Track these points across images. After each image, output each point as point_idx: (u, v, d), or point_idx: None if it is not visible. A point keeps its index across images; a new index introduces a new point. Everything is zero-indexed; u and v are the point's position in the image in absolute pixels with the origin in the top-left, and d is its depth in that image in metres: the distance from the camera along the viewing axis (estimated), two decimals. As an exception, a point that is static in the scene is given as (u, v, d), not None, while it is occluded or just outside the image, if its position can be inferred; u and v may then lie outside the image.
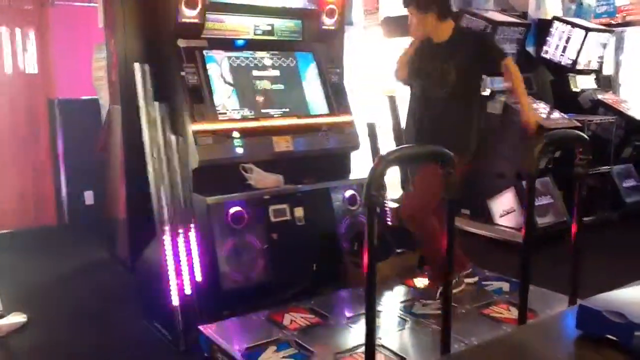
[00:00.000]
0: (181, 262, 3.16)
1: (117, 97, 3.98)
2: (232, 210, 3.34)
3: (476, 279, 3.68)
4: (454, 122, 3.32)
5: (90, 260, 4.72)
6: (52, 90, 5.54)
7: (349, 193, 3.79)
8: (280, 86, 3.82)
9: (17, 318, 3.50)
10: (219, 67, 3.62)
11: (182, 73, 3.44)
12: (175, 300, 3.12)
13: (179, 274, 3.15)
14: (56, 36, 5.44)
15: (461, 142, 3.27)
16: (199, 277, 3.20)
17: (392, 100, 4.43)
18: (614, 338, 1.02)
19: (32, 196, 5.58)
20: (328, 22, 3.96)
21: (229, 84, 3.63)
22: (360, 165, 4.09)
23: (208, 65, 3.56)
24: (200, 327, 3.00)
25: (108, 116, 4.56)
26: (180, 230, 3.21)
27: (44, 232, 5.47)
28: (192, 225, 3.26)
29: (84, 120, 5.37)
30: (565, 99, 6.01)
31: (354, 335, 2.97)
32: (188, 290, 3.15)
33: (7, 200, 5.43)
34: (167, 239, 3.18)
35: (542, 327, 1.23)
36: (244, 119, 3.59)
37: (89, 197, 5.63)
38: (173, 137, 3.40)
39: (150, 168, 3.35)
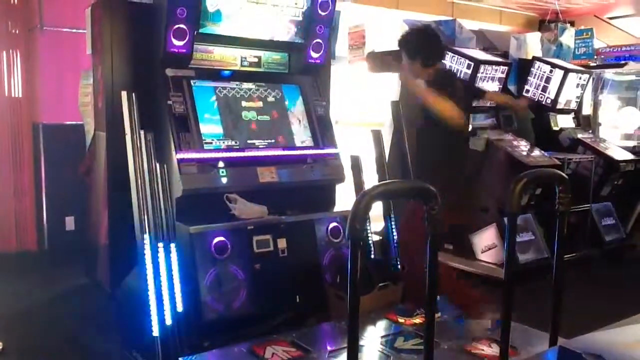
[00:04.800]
0: (162, 291, 3.13)
1: (103, 124, 3.97)
2: (216, 240, 3.33)
3: None
4: None
5: (69, 287, 4.66)
6: (36, 115, 5.52)
7: (332, 225, 3.80)
8: (266, 117, 3.86)
9: (-8, 346, 3.44)
10: (205, 97, 3.64)
11: (169, 102, 3.47)
12: (156, 330, 3.08)
13: (160, 303, 3.12)
14: (43, 61, 5.44)
15: None
16: (180, 307, 3.16)
17: (376, 134, 4.47)
18: (593, 379, 1.04)
19: (13, 220, 5.51)
20: (314, 56, 4.02)
21: (215, 114, 3.65)
22: (344, 198, 4.11)
23: (195, 95, 3.59)
24: (181, 359, 2.96)
25: (93, 142, 4.55)
26: (162, 259, 3.18)
27: (24, 256, 5.39)
28: (174, 255, 3.24)
29: (67, 145, 5.35)
30: (545, 137, 6.13)
31: (335, 369, 2.95)
32: (169, 320, 3.11)
33: (-13, 224, 5.37)
34: (148, 267, 3.15)
35: (524, 366, 1.24)
36: (229, 149, 3.61)
37: (70, 222, 5.57)
38: (158, 166, 3.40)
39: (133, 195, 3.33)
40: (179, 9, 3.38)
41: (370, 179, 4.34)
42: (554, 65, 6.03)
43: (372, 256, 4.17)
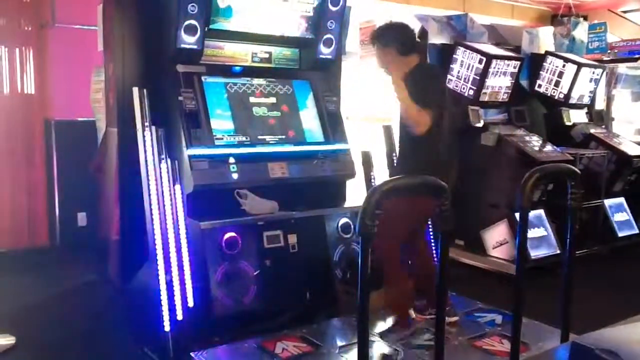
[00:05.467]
0: (174, 287, 3.15)
1: (114, 120, 3.99)
2: (226, 235, 3.34)
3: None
4: None
5: (81, 282, 4.69)
6: (49, 111, 5.56)
7: (343, 221, 3.79)
8: (277, 113, 3.85)
9: (5, 340, 3.46)
10: (216, 92, 3.65)
11: (180, 98, 3.47)
12: (167, 326, 3.10)
13: (171, 298, 3.13)
14: (55, 58, 5.48)
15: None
16: (191, 303, 3.18)
17: (387, 129, 4.46)
18: (606, 375, 1.03)
19: (25, 216, 5.55)
20: (325, 51, 4.01)
21: (226, 109, 3.66)
22: (355, 194, 4.10)
23: (206, 91, 3.59)
24: (192, 354, 2.98)
25: (104, 138, 4.58)
26: (174, 255, 3.20)
27: (36, 252, 5.43)
28: (185, 250, 3.25)
29: (79, 141, 5.38)
30: (557, 133, 6.08)
31: (346, 365, 2.95)
32: (180, 316, 3.13)
33: (0, 219, 5.40)
34: (160, 262, 3.17)
35: (535, 362, 1.23)
36: (240, 144, 3.61)
37: (82, 218, 5.61)
38: (169, 161, 3.41)
39: (145, 191, 3.35)
40: (190, 5, 3.38)
41: (381, 174, 4.33)
42: (566, 60, 5.98)
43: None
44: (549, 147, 5.43)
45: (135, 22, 3.69)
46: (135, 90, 3.45)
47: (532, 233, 5.01)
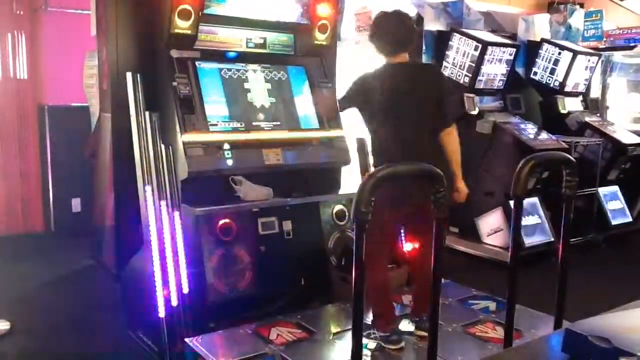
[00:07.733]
0: (168, 273, 3.14)
1: (108, 105, 3.97)
2: (221, 221, 3.33)
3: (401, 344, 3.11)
4: None
5: (76, 268, 4.69)
6: (42, 96, 5.53)
7: (338, 208, 3.80)
8: (272, 99, 3.83)
9: (0, 325, 3.46)
10: (210, 78, 3.62)
11: (174, 83, 3.44)
12: (162, 311, 3.10)
13: (165, 284, 3.13)
14: (48, 42, 5.43)
15: None
16: (185, 289, 3.18)
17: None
18: (600, 363, 1.03)
19: (20, 202, 5.54)
20: (320, 37, 3.98)
21: (221, 95, 3.64)
22: (350, 180, 4.10)
23: (200, 76, 3.57)
24: (187, 340, 2.98)
25: (98, 124, 4.55)
26: (168, 241, 3.19)
27: (31, 238, 5.44)
28: (180, 236, 3.24)
29: (73, 127, 5.36)
30: (552, 120, 6.09)
31: (340, 351, 2.96)
32: (174, 302, 3.13)
33: (-6, 205, 5.40)
34: (154, 248, 3.16)
35: (528, 349, 1.24)
36: (235, 130, 3.59)
37: (76, 204, 5.60)
38: (163, 147, 3.39)
39: (139, 177, 3.33)
40: (184, -11, 3.34)
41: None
42: (562, 48, 5.97)
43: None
44: (544, 135, 5.44)
45: (129, 7, 3.65)
46: (129, 75, 3.42)
47: (526, 221, 5.03)
